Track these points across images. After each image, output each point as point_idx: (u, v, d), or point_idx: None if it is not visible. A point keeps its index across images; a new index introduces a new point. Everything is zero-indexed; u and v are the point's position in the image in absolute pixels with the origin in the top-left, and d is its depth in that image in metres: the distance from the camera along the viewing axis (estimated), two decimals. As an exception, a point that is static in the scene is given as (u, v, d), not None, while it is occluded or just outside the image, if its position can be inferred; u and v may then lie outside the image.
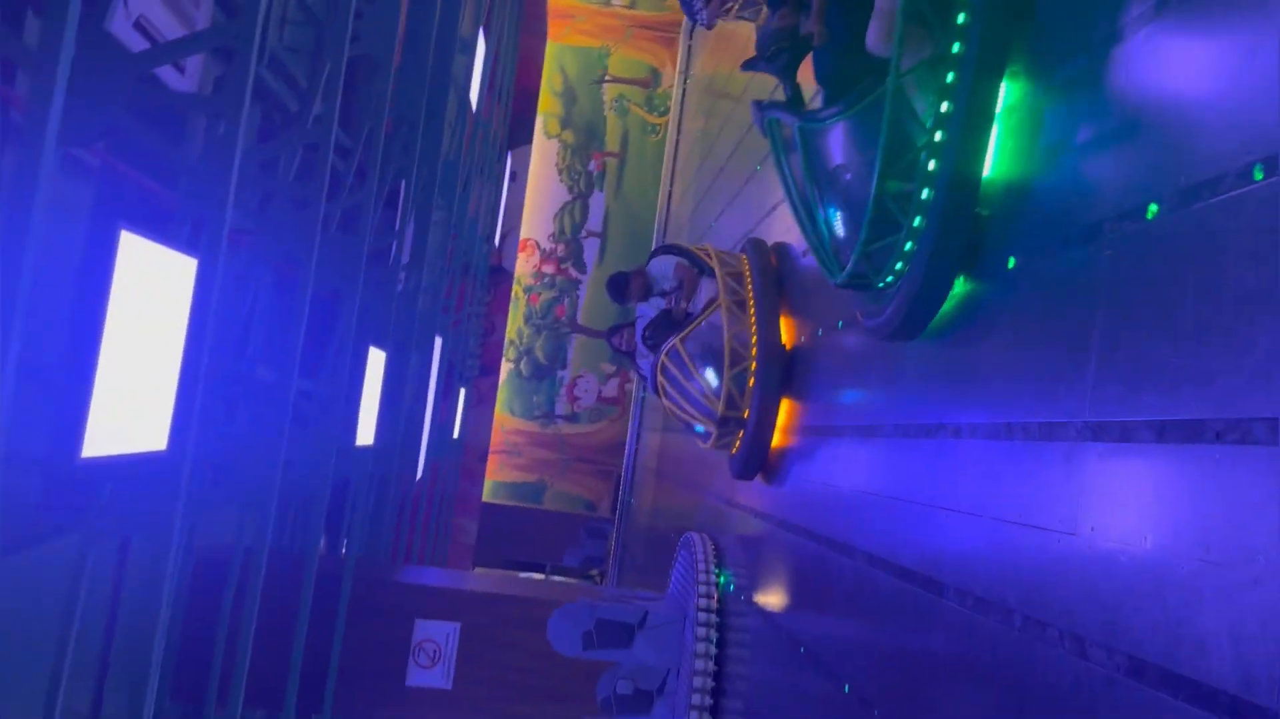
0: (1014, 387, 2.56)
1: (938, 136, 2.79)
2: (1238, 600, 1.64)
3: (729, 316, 5.14)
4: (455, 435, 12.95)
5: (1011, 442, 2.53)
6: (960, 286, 2.94)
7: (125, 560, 4.10)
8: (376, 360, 6.02)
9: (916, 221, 2.87)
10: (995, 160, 2.82)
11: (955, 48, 2.75)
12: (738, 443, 5.27)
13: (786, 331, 5.17)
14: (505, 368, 16.83)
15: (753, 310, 5.17)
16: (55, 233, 3.27)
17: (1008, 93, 2.78)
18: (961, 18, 2.74)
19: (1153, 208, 2.03)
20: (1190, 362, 1.85)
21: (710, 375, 5.22)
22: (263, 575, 4.35)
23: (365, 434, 5.96)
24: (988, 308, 2.81)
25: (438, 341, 8.76)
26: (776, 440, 5.13)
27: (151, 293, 2.58)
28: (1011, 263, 2.66)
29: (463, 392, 13.14)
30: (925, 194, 2.84)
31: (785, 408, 5.06)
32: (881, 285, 3.19)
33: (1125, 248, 2.12)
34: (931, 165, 2.81)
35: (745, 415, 5.11)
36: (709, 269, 5.51)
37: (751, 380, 5.07)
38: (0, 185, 2.87)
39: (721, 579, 5.97)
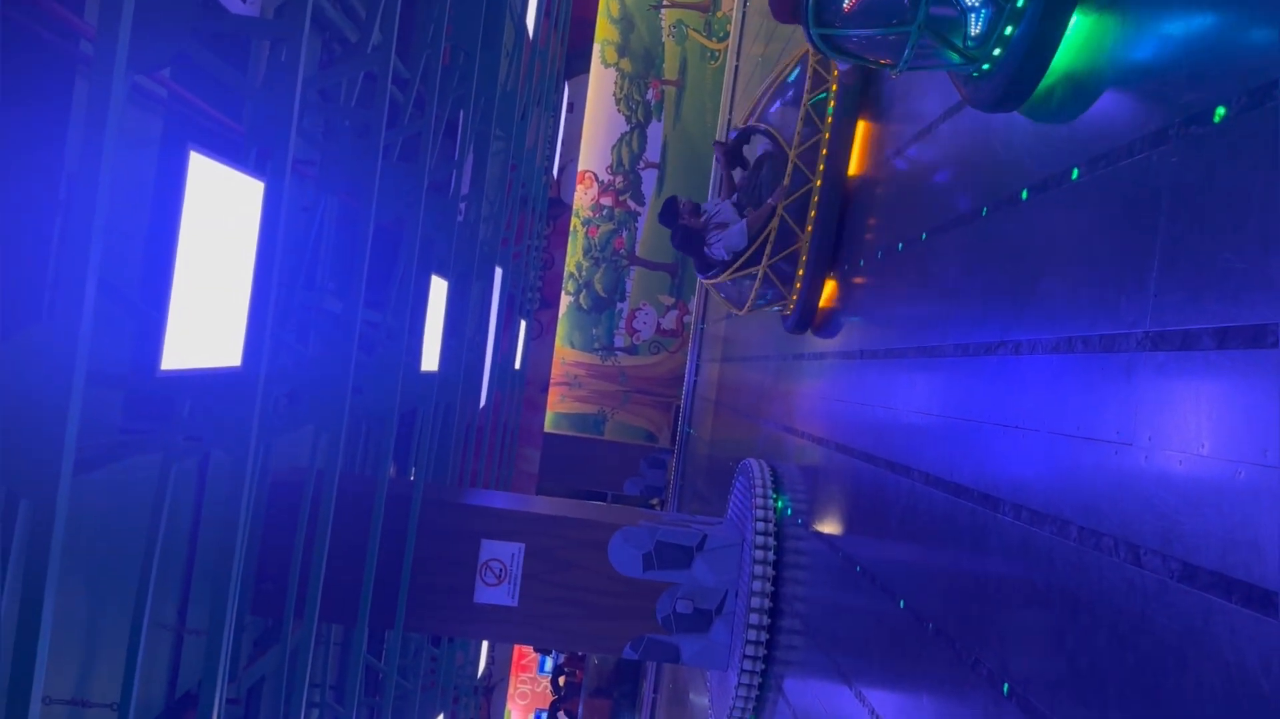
0: (1076, 300, 2.53)
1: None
2: (1295, 503, 1.64)
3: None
4: (517, 367, 13.11)
5: (1072, 355, 2.51)
6: (1024, 195, 2.89)
7: (205, 477, 4.28)
8: (439, 289, 6.11)
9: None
10: (1062, 56, 2.75)
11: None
12: (794, 297, 5.51)
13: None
14: (565, 301, 16.94)
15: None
16: (128, 161, 3.37)
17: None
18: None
19: (1220, 110, 1.98)
20: (1254, 267, 1.82)
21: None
22: (335, 497, 4.51)
23: (430, 361, 6.09)
24: (1050, 222, 2.76)
25: (498, 273, 8.84)
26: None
27: (221, 214, 2.66)
28: (1075, 174, 2.61)
29: (523, 324, 13.27)
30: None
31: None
32: (986, 66, 3.05)
33: (1191, 152, 2.08)
34: None
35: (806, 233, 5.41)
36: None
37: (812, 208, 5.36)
38: (74, 113, 2.97)
39: (779, 503, 6.04)
